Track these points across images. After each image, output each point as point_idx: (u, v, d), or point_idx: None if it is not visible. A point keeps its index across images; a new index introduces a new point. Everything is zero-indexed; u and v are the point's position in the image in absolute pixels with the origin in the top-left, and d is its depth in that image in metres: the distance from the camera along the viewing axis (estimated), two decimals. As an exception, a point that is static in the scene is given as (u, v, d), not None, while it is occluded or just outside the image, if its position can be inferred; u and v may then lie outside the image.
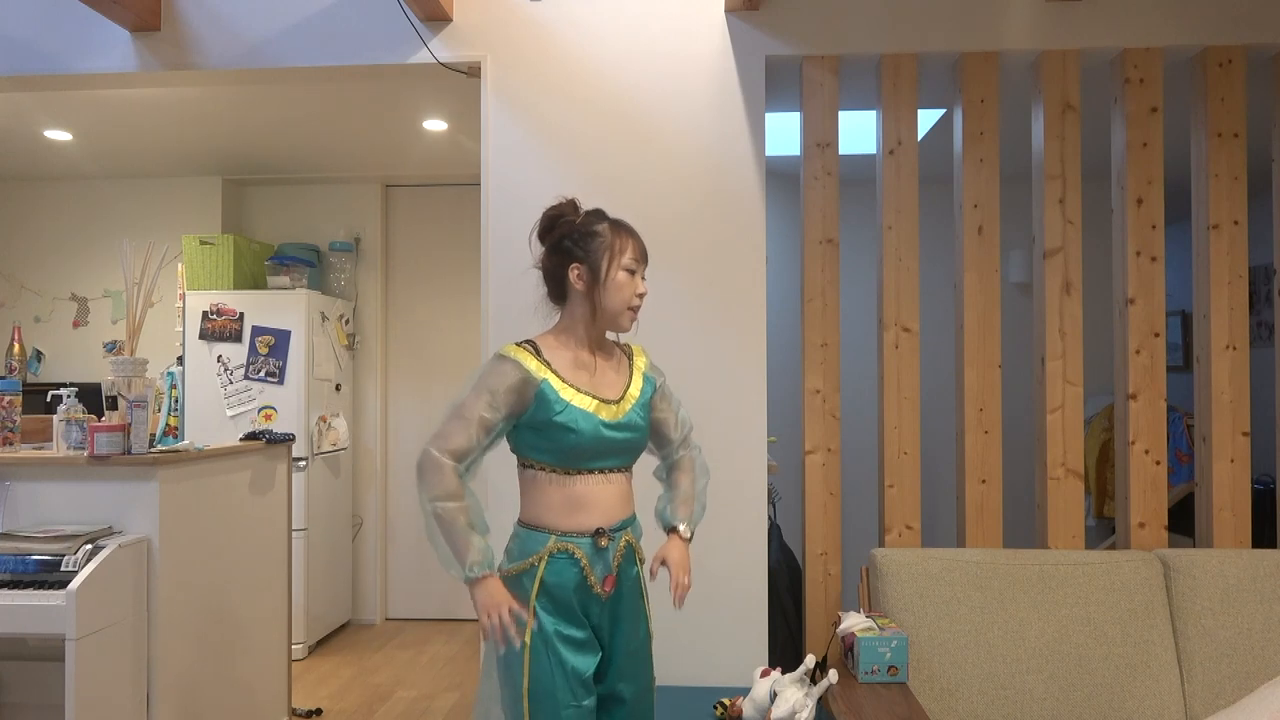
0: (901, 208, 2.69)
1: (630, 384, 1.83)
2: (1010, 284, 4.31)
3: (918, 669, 2.34)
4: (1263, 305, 4.26)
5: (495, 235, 2.69)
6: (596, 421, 1.73)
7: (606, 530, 1.76)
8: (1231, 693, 2.33)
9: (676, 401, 1.93)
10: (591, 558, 1.75)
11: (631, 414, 1.79)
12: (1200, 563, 2.43)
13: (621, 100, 2.69)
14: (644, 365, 1.88)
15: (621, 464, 1.81)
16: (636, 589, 1.82)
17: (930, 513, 3.40)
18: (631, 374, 1.84)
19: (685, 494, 1.92)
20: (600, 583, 1.75)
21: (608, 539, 1.76)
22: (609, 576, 1.75)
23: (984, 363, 2.67)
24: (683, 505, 1.91)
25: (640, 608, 1.83)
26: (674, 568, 1.82)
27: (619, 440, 1.76)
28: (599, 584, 1.74)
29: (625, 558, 1.79)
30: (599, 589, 1.74)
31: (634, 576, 1.81)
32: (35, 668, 2.55)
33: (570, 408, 1.72)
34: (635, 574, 1.81)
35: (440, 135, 4.09)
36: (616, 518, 1.78)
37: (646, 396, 1.83)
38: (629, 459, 1.82)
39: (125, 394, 2.59)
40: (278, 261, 4.42)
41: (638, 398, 1.81)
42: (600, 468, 1.77)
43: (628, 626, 1.79)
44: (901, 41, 2.64)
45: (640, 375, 1.85)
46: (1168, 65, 2.69)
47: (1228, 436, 2.62)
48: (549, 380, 1.73)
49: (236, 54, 2.75)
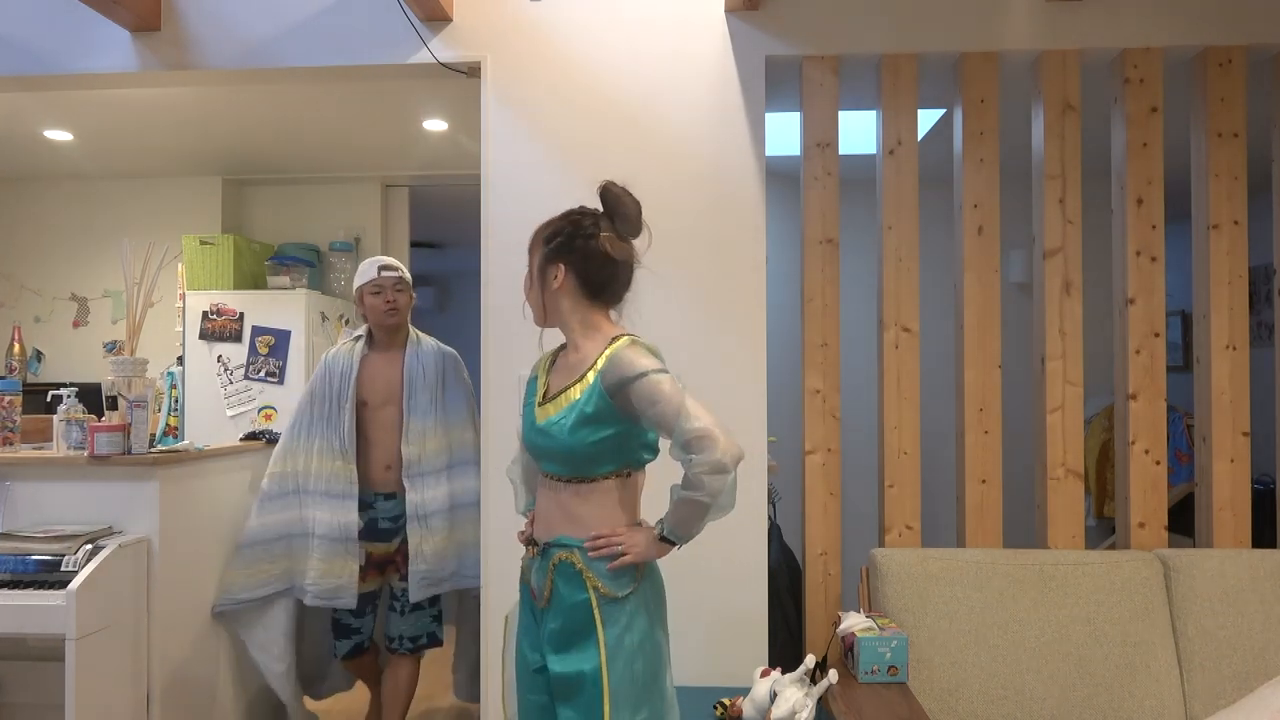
0: (901, 208, 2.69)
1: (573, 386, 1.69)
2: (1010, 284, 4.31)
3: (918, 669, 2.34)
4: (1263, 305, 4.26)
5: (495, 235, 2.69)
6: (529, 421, 1.76)
7: (535, 540, 1.76)
8: (1231, 693, 2.33)
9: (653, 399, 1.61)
10: (529, 563, 1.79)
11: (557, 418, 1.67)
12: (1200, 563, 2.43)
13: (621, 100, 2.68)
14: (602, 364, 1.66)
15: (559, 472, 1.70)
16: (580, 617, 1.66)
17: (930, 513, 3.40)
18: (585, 374, 1.68)
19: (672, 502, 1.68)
20: (536, 590, 1.75)
21: (535, 549, 1.76)
22: (544, 588, 1.72)
23: (984, 363, 2.67)
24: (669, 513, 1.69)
25: (585, 640, 1.66)
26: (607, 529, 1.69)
27: (537, 445, 1.73)
28: (536, 591, 1.76)
29: (563, 578, 1.68)
30: (536, 596, 1.75)
31: (578, 603, 1.66)
32: (35, 668, 2.55)
33: (527, 404, 1.78)
34: (581, 601, 1.66)
35: (440, 135, 4.09)
36: (550, 530, 1.72)
37: (591, 400, 1.65)
38: (562, 468, 1.69)
39: (125, 394, 2.59)
40: (278, 261, 4.42)
41: (575, 399, 1.66)
42: (545, 472, 1.75)
43: (562, 649, 1.68)
44: (901, 41, 2.64)
45: (593, 374, 1.67)
46: (1168, 65, 2.69)
47: (1228, 436, 2.62)
48: (537, 379, 1.80)
49: (236, 54, 2.75)
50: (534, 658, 1.76)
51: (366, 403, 2.87)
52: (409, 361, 2.89)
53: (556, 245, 1.72)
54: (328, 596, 2.75)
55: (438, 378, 2.91)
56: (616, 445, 1.68)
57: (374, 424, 2.87)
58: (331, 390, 2.86)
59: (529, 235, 1.81)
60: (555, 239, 1.73)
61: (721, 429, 1.60)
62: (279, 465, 2.87)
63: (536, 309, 1.79)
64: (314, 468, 2.83)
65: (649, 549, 1.68)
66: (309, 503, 2.82)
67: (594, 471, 1.69)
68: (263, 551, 2.81)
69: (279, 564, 2.83)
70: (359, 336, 2.96)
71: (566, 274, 1.71)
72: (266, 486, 2.86)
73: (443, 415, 2.90)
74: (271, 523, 2.83)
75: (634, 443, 1.70)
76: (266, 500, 2.84)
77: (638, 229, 1.73)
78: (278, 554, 2.82)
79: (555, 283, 1.72)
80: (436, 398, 2.89)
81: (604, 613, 1.66)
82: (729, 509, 1.64)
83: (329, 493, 2.80)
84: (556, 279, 1.72)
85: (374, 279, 2.87)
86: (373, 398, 2.87)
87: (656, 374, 1.62)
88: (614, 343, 1.69)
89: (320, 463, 2.83)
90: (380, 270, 2.88)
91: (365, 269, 2.90)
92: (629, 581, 1.68)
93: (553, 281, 1.72)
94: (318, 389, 2.89)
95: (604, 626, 1.66)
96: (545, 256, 1.74)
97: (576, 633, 1.67)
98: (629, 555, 1.66)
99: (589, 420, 1.65)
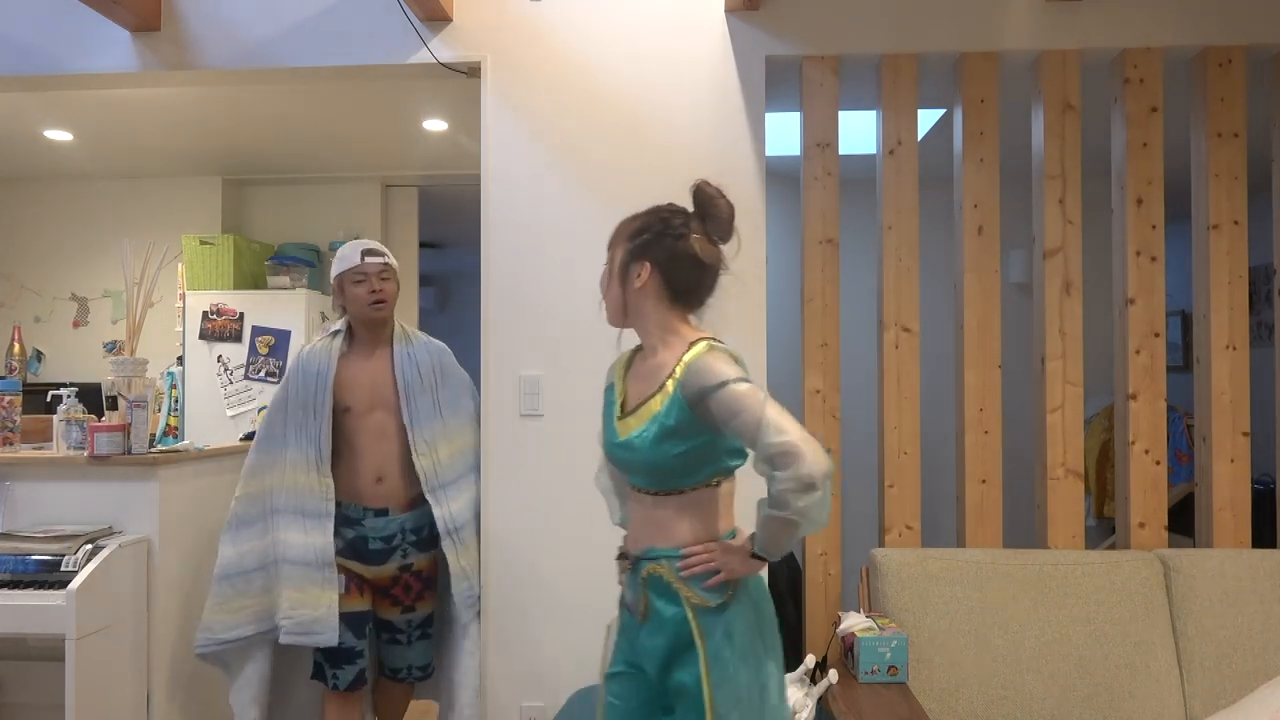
0: (901, 208, 2.68)
1: (654, 397, 1.63)
2: (1010, 284, 4.31)
3: (918, 669, 2.34)
4: (1263, 305, 4.26)
5: (495, 235, 2.69)
6: (610, 435, 1.71)
7: (627, 553, 1.72)
8: (1231, 693, 2.33)
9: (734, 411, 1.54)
10: (624, 577, 1.74)
11: (639, 432, 1.62)
12: (1200, 563, 2.43)
13: (621, 100, 2.68)
14: (680, 373, 1.60)
15: (646, 485, 1.66)
16: (678, 631, 1.63)
17: (930, 513, 3.39)
18: (664, 384, 1.62)
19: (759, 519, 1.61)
20: (632, 605, 1.72)
21: (629, 564, 1.71)
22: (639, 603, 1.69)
23: (984, 363, 2.67)
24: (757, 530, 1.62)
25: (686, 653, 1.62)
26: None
27: (621, 459, 1.69)
28: (632, 606, 1.72)
29: (656, 592, 1.65)
30: (633, 611, 1.71)
31: (673, 617, 1.63)
32: (35, 668, 2.55)
33: (607, 413, 1.73)
34: (675, 615, 1.63)
35: (440, 135, 4.09)
36: (639, 543, 1.69)
37: (671, 412, 1.60)
38: (649, 482, 1.65)
39: (125, 394, 2.59)
40: (278, 261, 4.42)
41: (656, 412, 1.61)
42: (634, 484, 1.70)
43: (666, 665, 1.65)
44: (901, 41, 2.64)
45: (672, 384, 1.61)
46: (1168, 65, 2.69)
47: (1228, 436, 2.61)
48: (614, 386, 1.75)
49: (236, 54, 2.75)
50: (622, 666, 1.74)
51: (350, 409, 2.49)
52: (400, 362, 2.52)
53: (643, 242, 1.65)
54: (302, 631, 2.37)
55: (434, 376, 2.57)
56: (702, 456, 1.62)
57: (360, 431, 2.50)
58: (307, 394, 2.49)
59: (530, 235, 1.81)
60: (641, 235, 1.66)
61: (808, 442, 1.50)
62: (250, 484, 2.51)
63: (615, 307, 1.70)
64: (286, 482, 2.47)
65: (742, 565, 1.61)
66: (279, 523, 2.45)
67: (681, 483, 1.63)
68: (242, 584, 2.46)
69: (261, 598, 2.46)
70: (337, 332, 2.57)
71: (651, 273, 1.64)
72: (239, 511, 2.49)
73: (448, 417, 2.58)
74: (248, 551, 2.47)
75: (720, 451, 1.63)
76: (240, 526, 2.48)
77: (729, 233, 1.67)
78: (258, 588, 2.46)
79: (638, 281, 1.65)
80: (436, 399, 2.57)
81: (701, 624, 1.61)
82: (822, 524, 1.54)
83: (302, 510, 2.44)
84: (640, 278, 1.65)
85: (356, 265, 2.48)
86: (357, 403, 2.49)
87: (737, 383, 1.54)
88: (692, 348, 1.62)
89: (294, 476, 2.46)
90: (364, 255, 2.50)
91: (346, 254, 2.51)
92: (723, 589, 1.62)
93: (635, 280, 1.65)
94: (293, 392, 2.51)
95: (702, 638, 1.61)
96: (630, 253, 1.66)
97: (677, 647, 1.63)
98: (723, 573, 1.61)
99: (671, 434, 1.59)
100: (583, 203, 2.68)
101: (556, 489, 2.64)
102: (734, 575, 1.62)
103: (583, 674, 2.57)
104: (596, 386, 2.63)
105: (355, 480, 2.50)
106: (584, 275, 2.64)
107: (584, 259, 2.65)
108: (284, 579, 2.41)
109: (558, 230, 2.67)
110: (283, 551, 2.43)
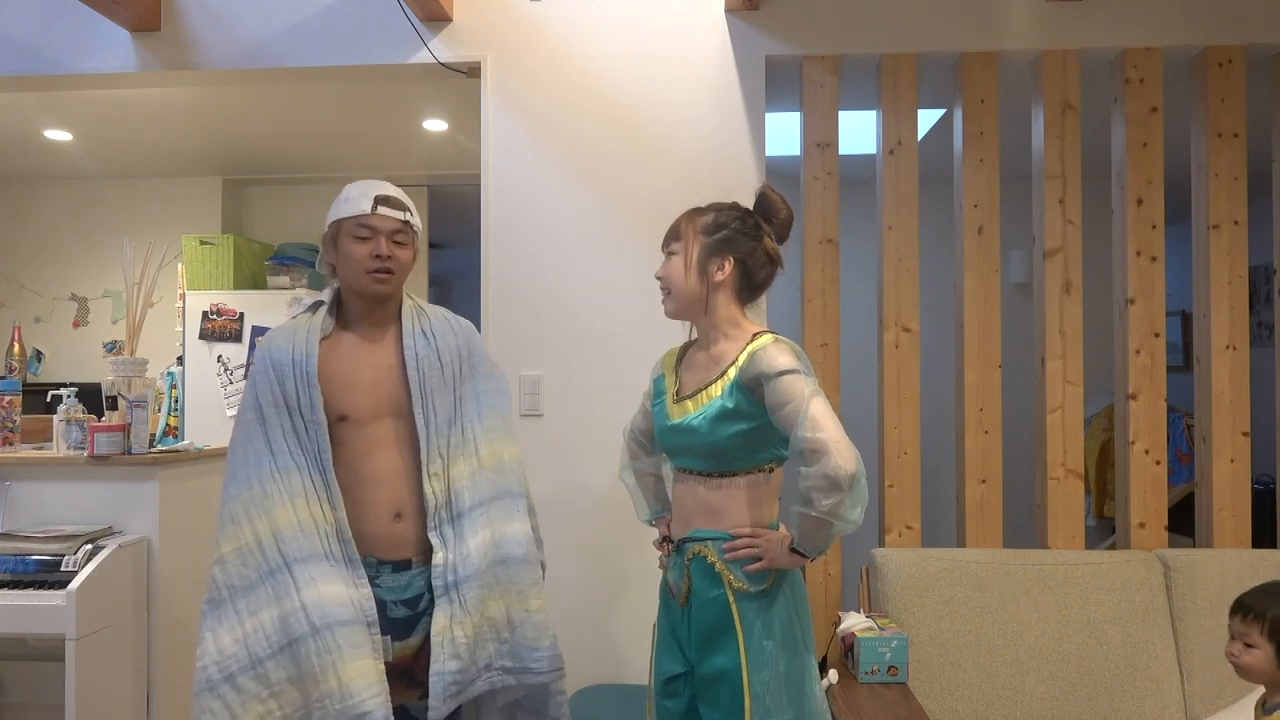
0: (901, 208, 2.68)
1: (714, 383, 1.69)
2: (1010, 284, 4.31)
3: (918, 669, 2.34)
4: (1263, 305, 4.26)
5: (495, 235, 2.69)
6: (660, 420, 1.77)
7: (671, 537, 1.77)
8: (1231, 693, 2.32)
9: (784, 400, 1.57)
10: (667, 561, 1.79)
11: (696, 414, 1.67)
12: (1200, 563, 2.43)
13: (621, 100, 2.68)
14: (744, 361, 1.65)
15: (698, 466, 1.70)
16: (718, 613, 1.66)
17: (930, 513, 3.39)
18: (726, 371, 1.68)
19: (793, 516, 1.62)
20: (674, 587, 1.75)
21: (672, 546, 1.76)
22: (681, 585, 1.72)
23: (984, 363, 2.67)
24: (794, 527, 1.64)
25: (725, 637, 1.64)
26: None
27: (673, 443, 1.74)
28: (674, 589, 1.75)
29: (699, 573, 1.69)
30: (675, 594, 1.75)
31: (714, 599, 1.66)
32: (35, 668, 2.55)
33: (657, 402, 1.79)
34: (717, 597, 1.66)
35: (440, 135, 4.09)
36: (687, 525, 1.72)
37: (731, 394, 1.64)
38: (702, 463, 1.69)
39: (125, 394, 2.59)
40: (278, 261, 4.42)
41: (715, 396, 1.66)
42: (680, 466, 1.76)
43: (704, 648, 1.67)
44: (901, 41, 2.64)
45: (734, 371, 1.66)
46: (1168, 65, 2.69)
47: (1228, 436, 2.61)
48: (663, 377, 1.82)
49: (236, 54, 2.75)
50: (671, 666, 1.76)
51: (347, 417, 1.75)
52: (413, 347, 1.79)
53: (725, 238, 1.70)
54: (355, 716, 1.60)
55: (456, 364, 1.83)
56: (756, 439, 1.66)
57: (364, 449, 1.76)
58: (286, 395, 1.72)
59: (530, 235, 1.81)
60: (721, 231, 1.71)
61: (841, 443, 1.52)
62: (239, 537, 1.70)
63: (692, 299, 1.73)
64: (293, 520, 1.69)
65: (782, 557, 1.64)
66: (303, 578, 1.66)
67: (734, 466, 1.68)
68: (256, 683, 1.64)
69: (289, 694, 1.66)
70: (319, 304, 1.84)
71: (734, 269, 1.70)
72: (227, 579, 1.68)
73: (471, 420, 1.84)
74: (255, 632, 1.66)
75: (775, 437, 1.66)
76: (236, 598, 1.67)
77: (786, 236, 1.76)
78: (283, 679, 1.66)
79: (720, 275, 1.70)
80: (458, 396, 1.83)
81: (741, 609, 1.65)
82: (855, 525, 1.55)
83: (329, 554, 1.69)
84: (722, 271, 1.70)
85: (363, 214, 1.73)
86: (356, 408, 1.75)
87: (792, 375, 1.59)
88: (757, 338, 1.68)
89: (303, 510, 1.70)
90: (376, 203, 1.74)
91: (352, 196, 1.76)
92: (764, 576, 1.66)
93: (716, 273, 1.70)
94: (265, 400, 1.74)
95: (742, 624, 1.64)
96: (711, 248, 1.70)
97: (716, 629, 1.66)
98: (764, 560, 1.65)
99: (729, 414, 1.64)
100: (583, 203, 2.68)
101: (557, 489, 2.64)
102: (774, 565, 1.66)
103: (583, 674, 2.57)
104: (597, 386, 2.65)
105: (364, 519, 1.74)
106: (584, 275, 2.64)
107: (584, 259, 2.65)
108: (328, 651, 1.62)
109: (558, 230, 2.67)
110: (322, 616, 1.63)
